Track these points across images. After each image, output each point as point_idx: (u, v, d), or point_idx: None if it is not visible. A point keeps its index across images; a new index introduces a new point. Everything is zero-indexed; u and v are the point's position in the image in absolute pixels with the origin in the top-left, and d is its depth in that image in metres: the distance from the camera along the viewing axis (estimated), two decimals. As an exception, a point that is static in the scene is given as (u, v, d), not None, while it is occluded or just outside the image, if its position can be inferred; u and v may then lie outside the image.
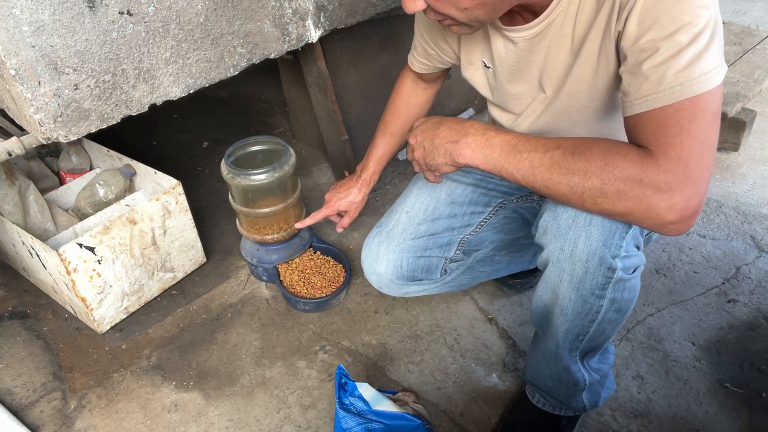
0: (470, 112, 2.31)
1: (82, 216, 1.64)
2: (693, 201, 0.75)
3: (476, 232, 1.30)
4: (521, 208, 1.31)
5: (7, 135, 1.30)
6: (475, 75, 1.12)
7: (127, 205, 1.59)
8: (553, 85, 0.99)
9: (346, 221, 1.46)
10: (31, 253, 1.44)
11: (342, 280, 1.55)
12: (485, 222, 1.30)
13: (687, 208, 0.76)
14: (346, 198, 1.44)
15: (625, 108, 0.82)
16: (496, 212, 1.30)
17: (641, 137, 0.79)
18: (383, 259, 1.25)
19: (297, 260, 1.58)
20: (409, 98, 1.37)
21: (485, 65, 1.08)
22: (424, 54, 1.24)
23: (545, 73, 0.98)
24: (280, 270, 1.56)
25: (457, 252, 1.30)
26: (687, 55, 0.74)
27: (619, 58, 0.84)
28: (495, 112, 1.17)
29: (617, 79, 0.87)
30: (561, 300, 0.95)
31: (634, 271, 0.93)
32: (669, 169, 0.75)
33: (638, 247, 0.92)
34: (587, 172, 0.79)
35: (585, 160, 0.79)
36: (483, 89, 1.13)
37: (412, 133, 1.01)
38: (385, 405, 1.10)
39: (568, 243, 0.89)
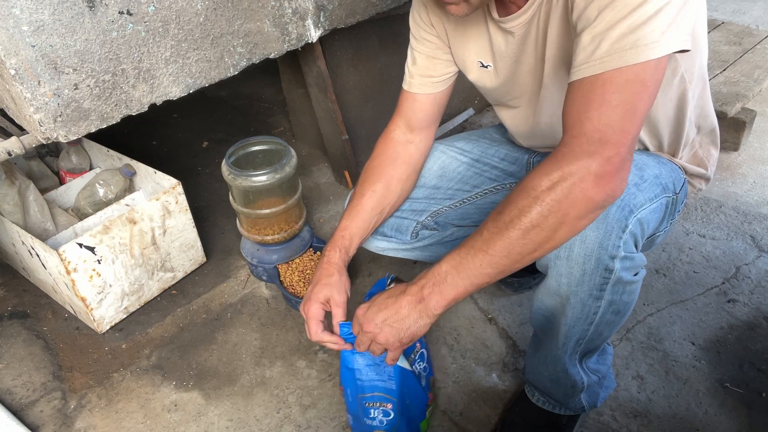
0: (470, 111, 2.31)
1: (82, 216, 1.64)
2: (614, 160, 0.77)
3: (455, 206, 1.28)
4: None
5: (7, 135, 1.30)
6: (472, 74, 1.12)
7: (126, 205, 1.59)
8: (550, 60, 0.97)
9: (336, 311, 1.05)
10: (31, 253, 1.44)
11: (342, 279, 1.55)
12: (468, 200, 1.28)
13: (608, 169, 0.77)
14: (320, 284, 1.07)
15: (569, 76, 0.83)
16: (484, 194, 1.28)
17: (571, 107, 0.80)
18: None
19: (297, 260, 1.58)
20: (396, 153, 1.17)
21: (482, 65, 1.08)
22: (427, 57, 1.13)
23: (545, 50, 0.97)
24: (280, 270, 1.56)
25: (428, 219, 1.27)
26: (622, 26, 0.74)
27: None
28: (500, 112, 1.17)
29: None
30: (560, 303, 0.96)
31: (637, 273, 0.93)
32: (584, 144, 0.77)
33: (636, 246, 0.92)
34: (518, 207, 0.80)
35: (510, 203, 0.82)
36: (483, 89, 1.13)
37: (360, 323, 0.94)
38: None
39: (564, 248, 0.89)
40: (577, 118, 0.78)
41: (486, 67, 1.07)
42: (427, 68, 1.12)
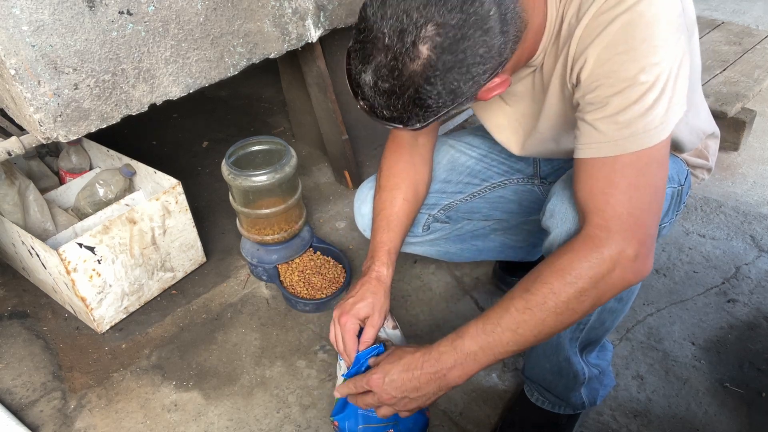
0: (470, 111, 2.31)
1: (81, 216, 1.64)
2: (647, 241, 0.80)
3: (466, 200, 1.29)
4: (521, 190, 1.31)
5: (7, 135, 1.30)
6: None
7: (126, 205, 1.59)
8: (533, 121, 1.01)
9: (370, 332, 1.03)
10: (30, 253, 1.44)
11: (342, 280, 1.55)
12: (478, 194, 1.29)
13: (643, 251, 0.80)
14: (365, 300, 1.04)
15: (575, 150, 0.84)
16: (492, 188, 1.29)
17: (591, 186, 0.82)
18: (370, 201, 1.23)
19: (297, 260, 1.58)
20: (413, 157, 1.16)
21: None
22: None
23: (526, 109, 1.01)
24: (280, 270, 1.56)
25: (440, 212, 1.28)
26: (634, 110, 0.77)
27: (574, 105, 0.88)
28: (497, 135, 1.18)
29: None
30: None
31: None
32: (620, 229, 0.79)
33: None
34: (553, 290, 0.81)
35: (543, 284, 0.82)
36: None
37: (377, 394, 0.92)
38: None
39: (575, 227, 0.89)
40: (604, 199, 0.80)
41: None
42: None
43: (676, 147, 1.07)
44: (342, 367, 1.08)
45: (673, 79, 0.78)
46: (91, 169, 1.78)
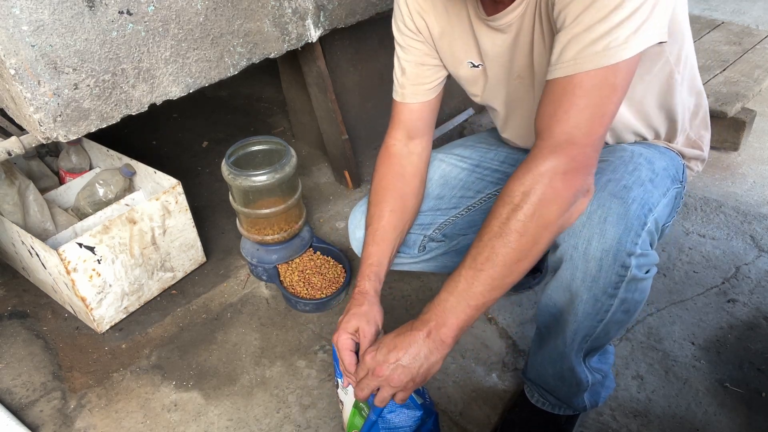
0: (470, 112, 2.31)
1: (81, 215, 1.64)
2: (579, 158, 0.80)
3: (462, 215, 1.28)
4: None
5: (7, 134, 1.30)
6: (463, 76, 1.12)
7: (126, 205, 1.59)
8: (542, 63, 0.98)
9: (364, 343, 0.99)
10: (30, 253, 1.44)
11: (342, 280, 1.55)
12: (474, 207, 1.28)
13: (573, 166, 0.80)
14: (349, 313, 1.02)
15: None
16: (488, 199, 1.28)
17: (543, 109, 0.83)
18: (363, 227, 1.21)
19: (297, 260, 1.58)
20: (403, 167, 1.15)
21: (472, 65, 1.07)
22: (416, 65, 1.11)
23: (535, 52, 0.97)
24: (280, 270, 1.56)
25: (435, 231, 1.27)
26: (598, 29, 0.76)
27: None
28: (494, 115, 1.17)
29: None
30: (572, 299, 0.94)
31: (648, 271, 0.92)
32: (552, 147, 0.80)
33: (652, 245, 0.91)
34: (495, 215, 0.83)
35: (494, 216, 0.84)
36: (472, 87, 1.12)
37: (371, 368, 0.89)
38: None
39: (582, 240, 0.88)
40: (548, 121, 0.81)
41: (477, 66, 1.07)
42: (418, 76, 1.11)
43: (670, 108, 1.04)
44: (349, 393, 1.06)
45: (652, 3, 0.76)
46: (91, 169, 1.78)
